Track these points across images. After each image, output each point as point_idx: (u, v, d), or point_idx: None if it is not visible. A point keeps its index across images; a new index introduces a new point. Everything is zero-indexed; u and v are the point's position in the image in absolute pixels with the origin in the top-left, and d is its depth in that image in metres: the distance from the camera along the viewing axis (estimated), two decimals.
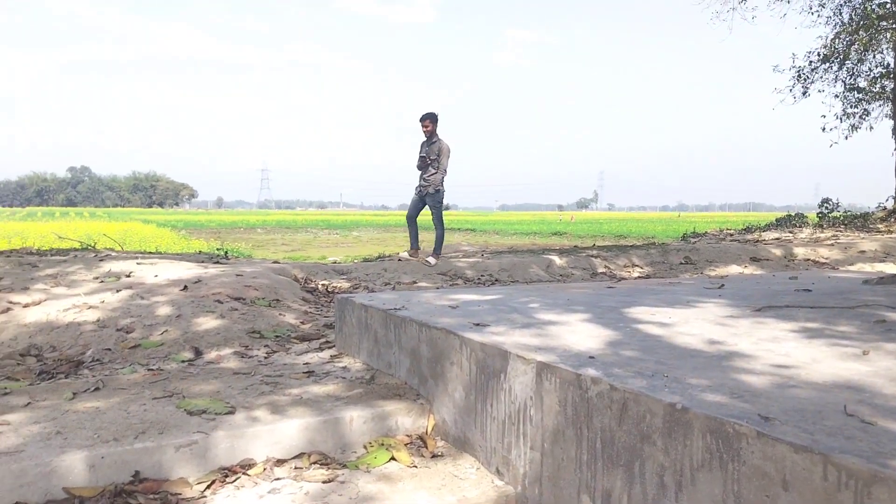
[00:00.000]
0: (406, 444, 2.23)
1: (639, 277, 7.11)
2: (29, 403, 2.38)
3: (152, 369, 3.04)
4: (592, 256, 7.91)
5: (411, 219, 8.31)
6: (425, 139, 8.00)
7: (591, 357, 1.88)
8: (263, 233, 31.78)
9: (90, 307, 3.96)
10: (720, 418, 1.33)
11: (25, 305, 4.06)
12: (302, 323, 4.16)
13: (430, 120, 7.94)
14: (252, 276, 4.98)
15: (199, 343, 3.51)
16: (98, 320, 3.77)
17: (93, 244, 8.67)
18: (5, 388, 2.63)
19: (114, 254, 6.97)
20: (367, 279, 6.26)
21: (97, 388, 2.57)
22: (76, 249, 7.76)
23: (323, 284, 5.92)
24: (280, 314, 4.23)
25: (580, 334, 2.25)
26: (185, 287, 4.44)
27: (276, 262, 7.08)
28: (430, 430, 2.33)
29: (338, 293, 5.35)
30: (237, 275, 4.93)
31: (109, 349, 3.42)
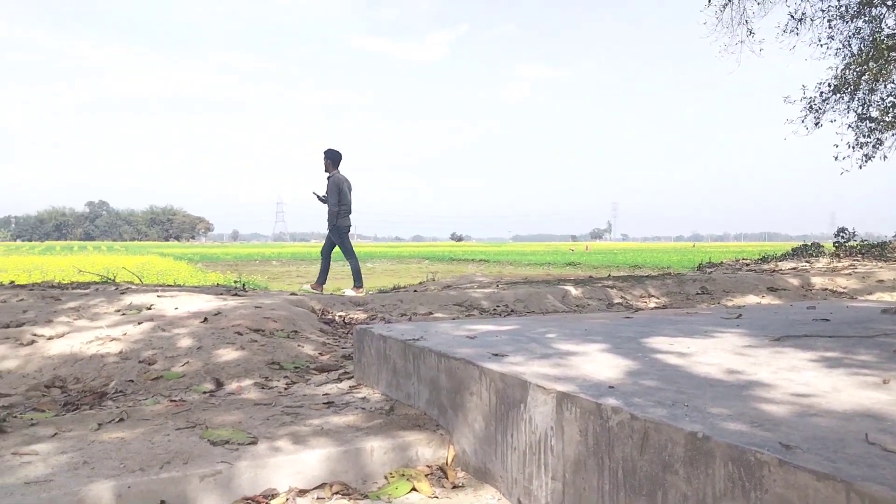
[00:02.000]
0: (427, 475, 2.24)
1: (655, 308, 7.09)
2: (55, 434, 2.42)
3: (175, 400, 3.08)
4: (608, 287, 7.91)
5: (323, 253, 8.86)
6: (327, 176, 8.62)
7: (611, 387, 1.90)
8: (279, 265, 32.00)
9: (113, 339, 4.02)
10: (742, 447, 1.34)
11: (49, 338, 4.13)
12: (320, 354, 4.19)
13: (325, 157, 8.50)
14: (270, 308, 5.04)
15: (220, 374, 3.55)
16: (121, 352, 3.83)
17: (113, 277, 8.79)
18: (32, 420, 2.68)
19: (134, 287, 7.07)
20: (383, 310, 6.29)
21: (121, 419, 2.61)
22: (97, 283, 7.88)
23: (340, 316, 5.96)
24: (299, 345, 4.26)
25: (599, 364, 2.27)
26: (206, 319, 4.49)
27: (293, 293, 7.14)
28: (450, 460, 2.34)
29: (355, 324, 5.38)
30: (256, 307, 4.98)
31: (132, 381, 3.47)
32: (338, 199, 8.39)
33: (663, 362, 2.30)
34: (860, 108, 15.40)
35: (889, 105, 15.09)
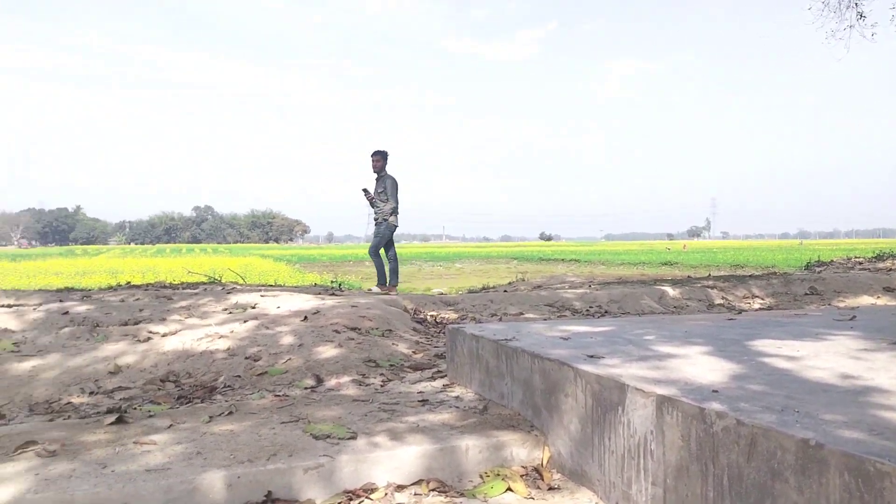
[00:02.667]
0: (522, 476, 2.24)
1: (760, 309, 6.76)
2: (171, 425, 2.58)
3: (278, 395, 3.22)
4: (708, 287, 7.60)
5: (373, 253, 8.86)
6: (376, 175, 8.60)
7: (715, 391, 1.83)
8: (370, 266, 32.79)
9: (221, 336, 4.25)
10: (860, 456, 1.27)
11: (163, 335, 4.42)
12: (414, 353, 4.27)
13: (379, 156, 8.48)
14: (366, 307, 5.17)
15: (319, 371, 3.68)
16: (228, 349, 4.04)
17: (219, 278, 9.29)
18: (150, 411, 2.88)
19: (238, 287, 7.45)
20: (473, 310, 6.32)
21: (230, 413, 2.76)
22: (205, 283, 8.35)
23: (432, 315, 6.04)
24: (393, 344, 4.36)
25: (701, 367, 2.19)
26: (306, 318, 4.67)
27: (386, 293, 7.30)
28: (545, 461, 2.33)
29: (446, 324, 5.45)
30: (352, 306, 5.13)
31: (239, 376, 3.66)
32: (397, 194, 8.51)
33: (771, 366, 2.19)
34: None
35: None
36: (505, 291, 8.03)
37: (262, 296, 5.68)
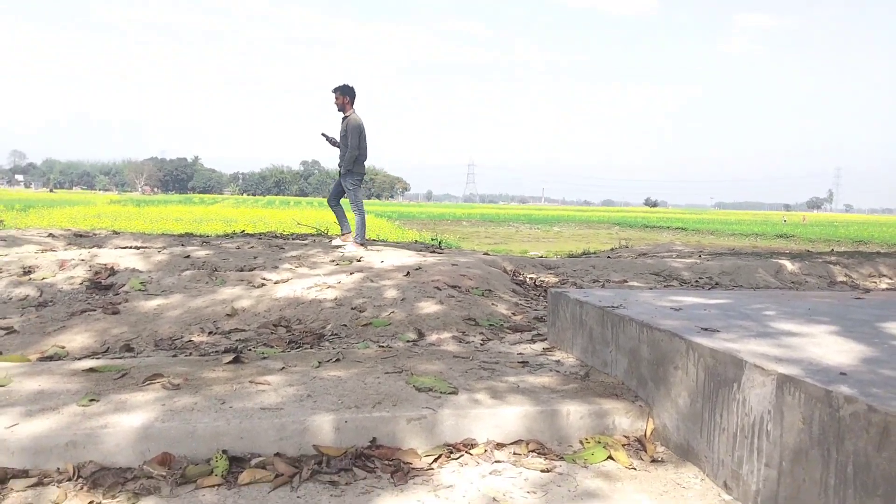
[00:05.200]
0: (623, 445, 2.20)
1: (888, 289, 6.26)
2: (283, 368, 2.72)
3: (382, 346, 3.32)
4: (830, 263, 7.11)
5: (331, 201, 7.44)
6: (342, 116, 7.18)
7: (843, 373, 1.71)
8: (468, 225, 32.93)
9: (329, 287, 4.41)
10: None
11: (276, 282, 4.63)
12: (513, 314, 4.26)
13: (339, 93, 7.08)
14: (466, 266, 5.20)
15: (421, 325, 3.75)
16: (335, 299, 4.19)
17: (325, 231, 9.61)
18: (263, 353, 3.04)
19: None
20: (574, 275, 6.23)
21: (338, 360, 2.87)
22: (312, 235, 8.67)
23: (531, 278, 6.00)
24: (493, 304, 4.37)
25: (827, 347, 2.05)
26: (408, 273, 4.76)
27: (486, 253, 7.31)
28: (649, 433, 2.27)
29: (546, 287, 5.39)
30: (453, 264, 5.18)
31: (345, 325, 3.79)
32: (358, 141, 7.06)
33: None
34: None
35: None
36: (608, 258, 7.85)
37: (367, 249, 5.83)
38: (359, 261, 5.41)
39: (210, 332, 3.72)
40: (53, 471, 1.88)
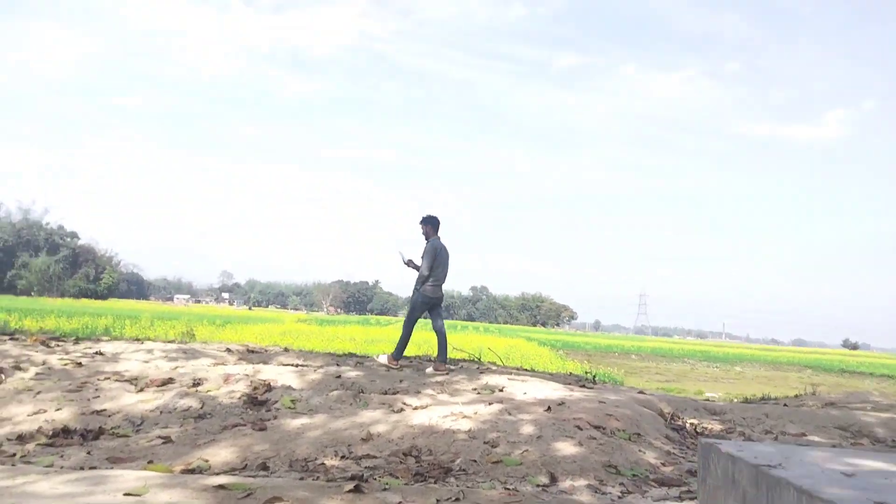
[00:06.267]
0: None
1: None
2: (400, 503, 2.62)
3: (509, 489, 3.11)
4: None
5: (405, 322, 7.42)
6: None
7: None
8: (638, 359, 31.39)
9: (464, 416, 4.31)
10: None
11: (415, 408, 4.62)
12: (663, 464, 3.85)
13: (424, 223, 7.42)
14: (615, 404, 4.86)
15: (555, 468, 3.50)
16: (469, 430, 4.07)
17: (478, 357, 9.60)
18: (386, 484, 2.97)
19: (493, 367, 7.60)
20: (743, 423, 5.57)
21: (457, 500, 2.72)
22: (464, 360, 8.68)
23: (691, 423, 5.46)
24: (640, 450, 3.99)
25: None
26: (549, 408, 4.54)
27: (641, 391, 6.83)
28: None
29: (706, 435, 4.86)
30: (600, 401, 4.86)
31: (475, 461, 3.64)
32: (429, 263, 7.06)
33: None
34: None
35: None
36: (785, 406, 6.99)
37: (510, 379, 5.69)
38: (501, 390, 5.28)
39: (343, 456, 3.74)
40: None
